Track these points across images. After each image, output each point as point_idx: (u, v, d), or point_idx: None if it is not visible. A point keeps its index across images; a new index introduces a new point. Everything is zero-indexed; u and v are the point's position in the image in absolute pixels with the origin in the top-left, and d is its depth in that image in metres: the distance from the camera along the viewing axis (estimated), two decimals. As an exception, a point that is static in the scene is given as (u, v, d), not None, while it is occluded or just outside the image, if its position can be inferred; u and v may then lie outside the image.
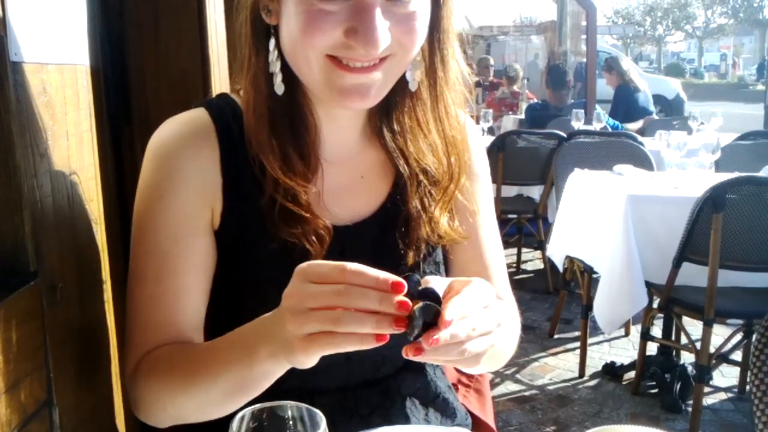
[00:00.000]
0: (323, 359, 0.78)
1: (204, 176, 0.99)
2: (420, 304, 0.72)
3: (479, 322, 0.77)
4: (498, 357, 1.11)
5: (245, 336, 0.86)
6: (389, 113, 1.06)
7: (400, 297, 0.71)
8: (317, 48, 0.89)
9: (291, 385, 1.04)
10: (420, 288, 0.75)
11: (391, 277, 0.72)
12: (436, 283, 0.79)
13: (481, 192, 1.16)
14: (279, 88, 0.96)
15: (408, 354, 0.74)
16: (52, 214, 0.87)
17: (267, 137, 0.97)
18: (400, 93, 1.03)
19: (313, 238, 0.98)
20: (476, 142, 1.17)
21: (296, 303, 0.75)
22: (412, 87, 1.02)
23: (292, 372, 1.02)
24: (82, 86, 0.98)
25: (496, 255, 1.18)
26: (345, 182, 1.06)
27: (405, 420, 1.09)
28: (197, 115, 1.03)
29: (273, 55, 0.96)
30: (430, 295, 0.74)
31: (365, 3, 0.86)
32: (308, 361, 0.78)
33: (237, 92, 1.05)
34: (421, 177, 1.07)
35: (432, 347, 0.72)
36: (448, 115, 1.05)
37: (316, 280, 0.75)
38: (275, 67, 0.96)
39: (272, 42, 0.96)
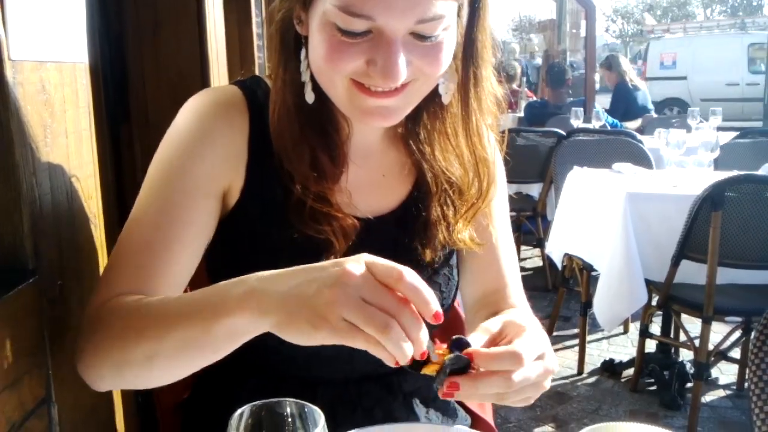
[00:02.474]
0: (330, 349, 0.78)
1: (232, 147, 1.00)
2: (450, 355, 0.76)
3: (523, 373, 0.79)
4: None
5: (215, 291, 0.82)
6: (417, 119, 1.06)
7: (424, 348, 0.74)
8: (340, 72, 0.89)
9: (294, 373, 1.05)
10: (454, 338, 0.78)
11: (437, 308, 0.73)
12: (485, 326, 0.85)
13: (497, 199, 1.16)
14: (310, 96, 0.97)
15: (441, 394, 0.78)
16: (51, 212, 0.87)
17: (293, 146, 0.98)
18: (431, 101, 1.02)
19: (340, 234, 0.99)
20: (495, 149, 1.18)
21: (354, 285, 0.72)
22: (445, 100, 1.01)
23: (296, 361, 1.03)
24: (81, 84, 0.98)
25: (511, 261, 1.19)
26: (367, 179, 1.07)
27: (408, 413, 1.10)
28: (233, 90, 1.04)
29: (304, 65, 0.96)
30: (462, 345, 0.77)
31: (387, 38, 0.85)
32: (312, 340, 0.73)
33: (269, 77, 1.06)
34: (445, 185, 1.08)
35: (456, 392, 0.77)
36: (479, 134, 1.05)
37: (375, 276, 0.73)
38: (306, 76, 0.96)
39: (303, 52, 0.96)
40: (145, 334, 0.83)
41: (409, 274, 0.73)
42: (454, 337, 0.77)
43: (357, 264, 0.73)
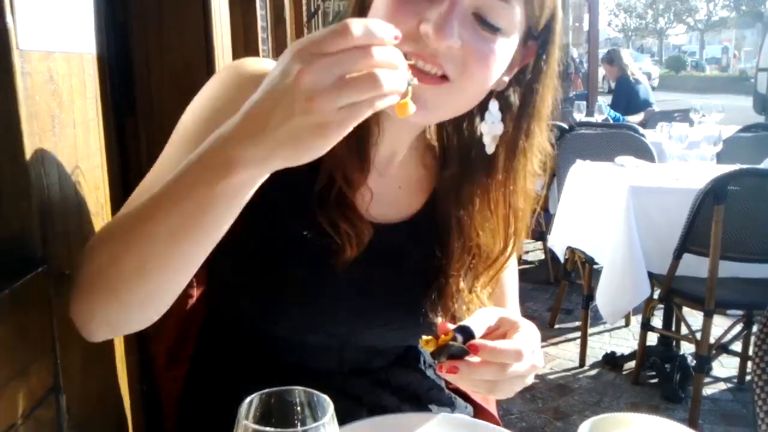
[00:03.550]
0: (317, 339, 0.77)
1: None
2: (453, 343, 0.79)
3: (516, 367, 0.82)
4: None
5: (208, 153, 0.71)
6: (454, 166, 1.04)
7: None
8: None
9: (286, 360, 1.06)
10: (460, 324, 0.80)
11: (391, 30, 0.65)
12: (483, 316, 0.85)
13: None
14: None
15: (441, 371, 0.80)
16: (59, 201, 0.87)
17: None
18: (470, 143, 1.00)
19: (354, 237, 0.98)
20: None
21: (317, 78, 0.63)
22: (489, 149, 0.98)
23: (286, 347, 1.04)
24: (88, 75, 0.98)
25: (512, 277, 1.20)
26: (384, 188, 1.05)
27: (399, 405, 1.11)
28: (271, 65, 0.99)
29: None
30: (467, 334, 0.80)
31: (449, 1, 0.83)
32: (325, 146, 0.67)
33: None
34: (469, 248, 1.05)
35: (451, 375, 0.80)
36: (525, 193, 1.03)
37: (322, 48, 0.63)
38: None
39: None
40: (133, 238, 0.77)
41: (351, 20, 0.64)
42: (460, 323, 0.79)
43: (295, 61, 0.64)
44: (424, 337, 0.81)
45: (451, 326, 0.80)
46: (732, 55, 44.76)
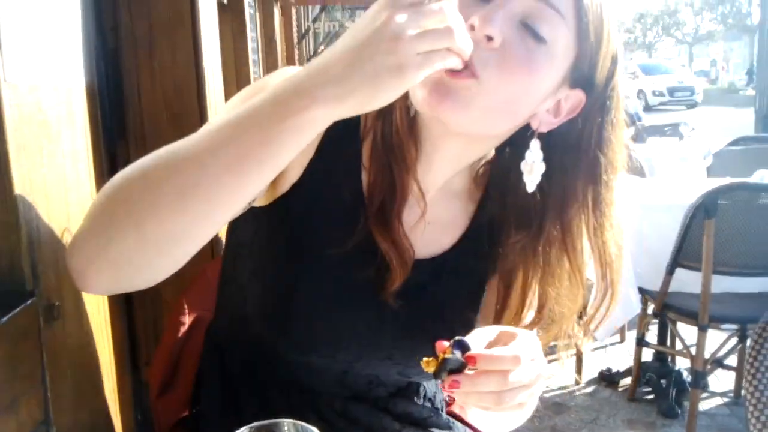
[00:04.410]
0: (323, 363, 0.76)
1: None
2: (450, 356, 0.77)
3: (518, 374, 0.79)
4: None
5: (281, 91, 0.72)
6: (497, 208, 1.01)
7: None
8: None
9: (289, 379, 1.06)
10: (456, 339, 0.78)
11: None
12: (482, 333, 0.84)
13: None
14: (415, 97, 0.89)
15: (444, 388, 0.78)
16: (48, 233, 0.87)
17: (380, 159, 0.95)
18: (513, 181, 0.97)
19: (399, 262, 0.97)
20: None
21: (404, 23, 0.68)
22: (530, 187, 0.94)
23: (291, 366, 1.03)
24: (77, 104, 0.98)
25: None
26: (414, 221, 1.01)
27: (401, 429, 1.11)
28: None
29: None
30: (463, 347, 0.78)
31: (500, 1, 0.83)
32: (402, 87, 0.70)
33: None
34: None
35: (454, 389, 0.77)
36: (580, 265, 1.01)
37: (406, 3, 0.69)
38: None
39: None
40: (180, 165, 0.73)
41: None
42: (456, 338, 0.78)
43: (385, 8, 0.70)
44: (425, 359, 0.80)
45: (446, 343, 0.79)
46: (720, 67, 45.17)
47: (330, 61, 0.70)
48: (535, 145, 0.93)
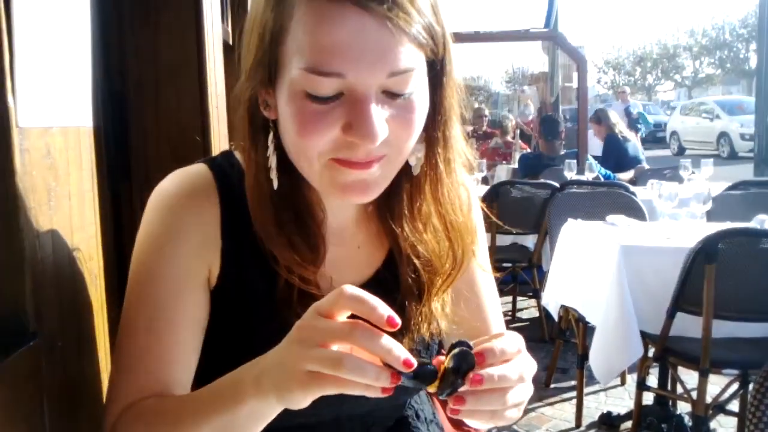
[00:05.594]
0: (311, 416, 0.78)
1: (204, 233, 0.98)
2: (456, 350, 0.76)
3: (516, 393, 0.80)
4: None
5: (233, 378, 0.85)
6: (388, 194, 1.02)
7: (407, 355, 0.72)
8: (318, 149, 0.86)
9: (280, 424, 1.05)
10: (454, 342, 0.77)
11: (387, 312, 0.73)
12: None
13: (477, 246, 1.16)
14: (275, 182, 0.94)
15: (450, 405, 0.76)
16: (52, 274, 0.88)
17: (275, 230, 0.96)
18: (401, 174, 0.99)
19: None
20: (474, 197, 1.18)
21: (306, 336, 0.75)
22: (415, 171, 0.98)
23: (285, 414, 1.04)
24: (84, 147, 1.00)
25: (495, 308, 1.20)
26: (344, 254, 1.05)
27: None
28: (200, 170, 1.02)
29: (269, 150, 0.93)
30: (464, 347, 0.77)
31: (359, 96, 0.83)
32: (304, 400, 0.76)
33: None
34: (414, 260, 1.04)
35: (474, 388, 0.75)
36: (451, 201, 1.02)
37: (324, 313, 0.75)
38: (272, 162, 0.93)
39: (270, 136, 0.93)
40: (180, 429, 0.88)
41: (348, 290, 0.74)
42: (453, 342, 0.77)
43: (307, 314, 0.77)
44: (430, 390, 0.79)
45: (442, 357, 0.78)
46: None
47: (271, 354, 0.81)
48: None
